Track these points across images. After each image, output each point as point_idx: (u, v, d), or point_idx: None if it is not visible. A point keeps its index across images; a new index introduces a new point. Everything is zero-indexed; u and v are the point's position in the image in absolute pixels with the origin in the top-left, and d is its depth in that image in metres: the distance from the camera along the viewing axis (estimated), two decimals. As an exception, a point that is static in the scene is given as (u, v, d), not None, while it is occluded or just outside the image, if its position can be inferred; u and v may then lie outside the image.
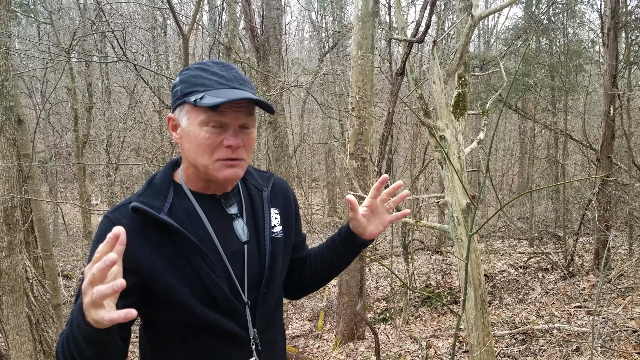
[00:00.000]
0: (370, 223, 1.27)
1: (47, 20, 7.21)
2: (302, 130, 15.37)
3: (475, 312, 2.78)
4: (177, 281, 1.05)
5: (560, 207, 8.39)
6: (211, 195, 1.16)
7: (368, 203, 1.26)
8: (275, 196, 1.29)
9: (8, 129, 3.47)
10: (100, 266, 0.77)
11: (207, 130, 1.05)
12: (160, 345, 1.13)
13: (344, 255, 1.32)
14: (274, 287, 1.20)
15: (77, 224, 14.02)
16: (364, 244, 1.29)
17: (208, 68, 1.08)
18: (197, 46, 11.65)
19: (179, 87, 1.09)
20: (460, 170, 2.84)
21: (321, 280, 1.40)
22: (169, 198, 1.10)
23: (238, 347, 1.13)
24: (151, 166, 5.92)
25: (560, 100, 9.51)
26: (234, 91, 1.05)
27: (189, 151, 1.09)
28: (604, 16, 6.55)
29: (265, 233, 1.20)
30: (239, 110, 1.06)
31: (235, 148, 1.07)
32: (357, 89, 5.80)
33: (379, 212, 1.27)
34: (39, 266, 5.18)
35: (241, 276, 1.14)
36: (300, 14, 25.46)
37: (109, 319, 0.80)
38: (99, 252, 0.80)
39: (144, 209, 1.04)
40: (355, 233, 1.27)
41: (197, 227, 1.10)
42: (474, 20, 2.84)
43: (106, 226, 1.06)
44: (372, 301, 8.00)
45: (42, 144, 12.87)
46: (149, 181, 1.15)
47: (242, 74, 1.12)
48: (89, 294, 0.80)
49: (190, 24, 3.97)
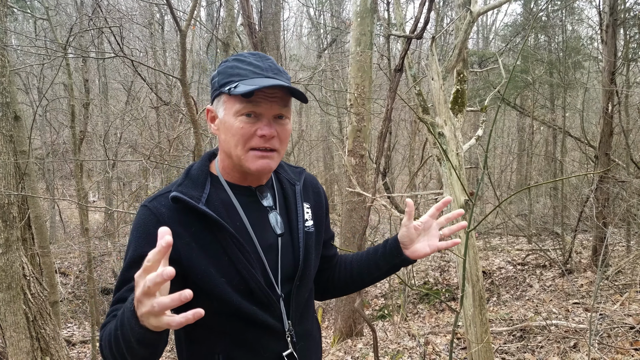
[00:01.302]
0: (419, 240, 1.26)
1: (44, 16, 7.16)
2: (300, 127, 15.32)
3: (473, 308, 2.78)
4: (215, 270, 1.05)
5: (558, 204, 8.40)
6: (247, 187, 1.16)
7: (425, 219, 1.24)
8: (307, 191, 1.29)
9: (4, 126, 3.45)
10: (157, 280, 0.74)
11: (241, 120, 1.05)
12: (196, 335, 1.13)
13: (383, 268, 1.30)
14: (307, 280, 1.20)
15: (74, 220, 13.98)
16: (406, 262, 1.27)
17: (244, 59, 1.09)
18: (195, 42, 11.62)
19: (217, 78, 1.10)
20: (459, 167, 2.83)
21: (352, 287, 1.39)
22: (206, 189, 1.11)
23: (274, 338, 1.13)
24: (148, 163, 5.90)
25: (558, 97, 9.51)
26: (267, 80, 1.05)
27: (225, 142, 1.10)
28: (602, 13, 6.55)
29: (299, 227, 1.20)
30: (273, 101, 1.06)
31: (269, 138, 1.07)
32: (356, 85, 5.79)
33: (431, 234, 1.26)
34: (36, 263, 5.16)
35: (275, 269, 1.15)
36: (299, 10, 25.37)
37: (177, 323, 0.77)
38: (149, 260, 0.76)
39: (184, 199, 1.04)
40: (401, 246, 1.26)
41: (234, 219, 1.11)
42: (472, 17, 2.82)
43: (145, 215, 1.06)
44: (370, 298, 8.01)
45: (39, 141, 12.81)
46: (186, 172, 1.15)
47: (277, 65, 1.12)
48: (147, 304, 0.77)
49: (187, 20, 3.94)
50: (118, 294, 1.01)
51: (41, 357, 3.67)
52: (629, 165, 6.70)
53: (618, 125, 6.55)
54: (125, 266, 1.03)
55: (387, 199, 4.83)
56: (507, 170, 12.97)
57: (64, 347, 3.95)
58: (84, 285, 9.64)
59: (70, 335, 7.24)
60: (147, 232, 1.04)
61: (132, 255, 1.03)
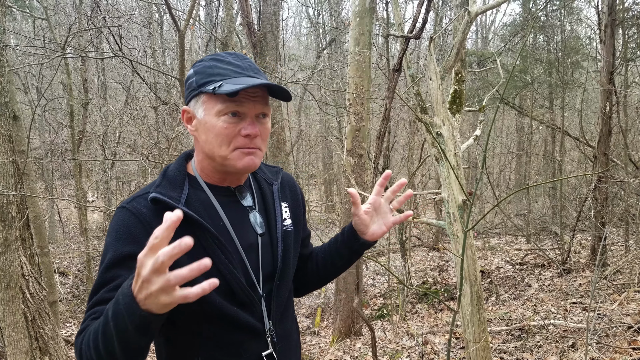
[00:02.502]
0: (373, 222, 1.25)
1: (43, 15, 7.16)
2: (299, 126, 15.33)
3: (471, 308, 2.79)
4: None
5: (556, 203, 8.41)
6: (226, 187, 1.16)
7: (372, 200, 1.24)
8: (284, 190, 1.29)
9: (3, 125, 3.45)
10: (173, 252, 0.73)
11: (224, 120, 1.04)
12: (176, 340, 1.12)
13: (345, 256, 1.31)
14: (286, 279, 1.20)
15: (73, 220, 13.98)
16: (366, 245, 1.27)
17: (222, 58, 1.08)
18: (194, 42, 11.60)
19: (194, 78, 1.08)
20: (457, 167, 2.83)
21: (321, 279, 1.40)
22: (185, 190, 1.09)
23: (254, 339, 1.13)
24: (147, 162, 5.90)
25: (557, 96, 9.51)
26: (250, 79, 1.04)
27: (205, 142, 1.08)
28: (601, 13, 6.55)
29: (277, 226, 1.20)
30: (255, 100, 1.05)
31: (253, 137, 1.06)
32: (355, 85, 5.79)
33: (383, 212, 1.26)
34: (34, 263, 5.16)
35: (256, 268, 1.14)
36: (298, 9, 25.37)
37: (195, 294, 0.76)
38: (157, 237, 0.74)
39: (164, 199, 1.03)
40: (357, 232, 1.26)
41: (215, 219, 1.10)
42: (470, 17, 2.83)
43: (125, 217, 1.04)
44: (369, 298, 8.01)
45: (37, 140, 12.79)
46: (163, 173, 1.14)
47: (255, 64, 1.12)
48: (158, 281, 0.75)
49: (186, 19, 3.95)
50: (96, 297, 0.98)
51: (40, 356, 3.68)
52: (627, 165, 6.71)
53: (616, 125, 6.56)
54: (104, 268, 1.00)
55: (385, 198, 4.82)
56: (505, 169, 12.98)
57: (62, 346, 3.95)
58: (82, 285, 9.64)
59: (69, 335, 7.23)
60: (129, 232, 1.02)
61: (113, 256, 1.00)
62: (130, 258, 0.99)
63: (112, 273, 0.99)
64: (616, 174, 6.57)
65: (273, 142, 8.09)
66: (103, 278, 1.00)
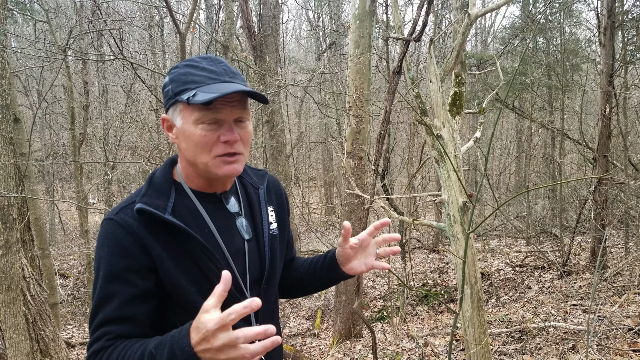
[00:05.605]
0: (356, 258, 1.26)
1: (44, 18, 7.18)
2: (299, 129, 15.36)
3: (471, 310, 2.79)
4: (186, 281, 1.05)
5: (556, 205, 8.42)
6: (212, 194, 1.15)
7: (362, 237, 1.24)
8: (270, 194, 1.29)
9: (4, 128, 3.46)
10: (244, 312, 0.83)
11: (202, 128, 1.03)
12: None
13: (321, 279, 1.32)
14: (273, 283, 1.22)
15: (73, 222, 13.99)
16: (342, 277, 1.28)
17: (196, 64, 1.06)
18: (194, 45, 11.62)
19: (170, 86, 1.07)
20: (457, 169, 2.84)
21: (298, 291, 1.41)
22: (172, 198, 1.09)
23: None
24: (148, 165, 5.91)
25: (557, 99, 9.53)
26: (225, 85, 1.03)
27: (186, 150, 1.07)
28: (600, 15, 6.57)
29: (264, 230, 1.21)
30: (232, 105, 1.04)
31: (233, 143, 1.05)
32: (355, 87, 5.81)
33: (368, 252, 1.26)
34: (35, 265, 5.17)
35: (243, 274, 1.15)
36: (298, 12, 25.45)
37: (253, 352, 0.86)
38: (234, 311, 0.83)
39: (150, 210, 1.02)
40: (337, 262, 1.26)
41: (201, 226, 1.10)
42: (470, 19, 2.84)
43: (114, 229, 1.03)
44: (369, 300, 8.01)
45: (38, 143, 12.81)
46: (148, 180, 1.13)
47: (231, 67, 1.10)
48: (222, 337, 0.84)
49: (187, 22, 3.97)
50: (102, 315, 1.00)
51: (41, 358, 3.68)
52: (627, 167, 6.72)
53: (616, 127, 6.57)
54: (102, 284, 1.01)
55: (385, 200, 4.85)
56: (505, 172, 13.00)
57: (63, 348, 3.95)
58: (83, 287, 9.64)
59: (70, 337, 7.23)
60: (120, 245, 1.02)
61: (109, 270, 1.01)
62: (126, 271, 1.01)
63: (111, 289, 1.00)
64: (616, 176, 6.58)
65: (273, 144, 8.11)
66: (103, 294, 1.01)
